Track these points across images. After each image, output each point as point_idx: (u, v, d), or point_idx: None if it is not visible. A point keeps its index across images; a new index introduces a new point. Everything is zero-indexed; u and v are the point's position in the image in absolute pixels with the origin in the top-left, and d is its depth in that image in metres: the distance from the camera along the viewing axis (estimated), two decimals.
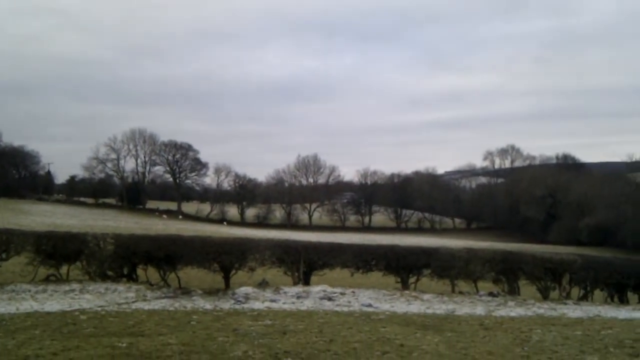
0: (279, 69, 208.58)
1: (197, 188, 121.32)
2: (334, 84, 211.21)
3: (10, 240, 13.61)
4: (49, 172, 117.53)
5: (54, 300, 11.32)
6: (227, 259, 14.19)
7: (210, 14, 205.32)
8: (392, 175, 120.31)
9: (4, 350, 6.74)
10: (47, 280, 13.45)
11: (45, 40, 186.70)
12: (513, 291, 15.39)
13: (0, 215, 51.76)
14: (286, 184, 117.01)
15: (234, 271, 14.44)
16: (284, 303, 12.17)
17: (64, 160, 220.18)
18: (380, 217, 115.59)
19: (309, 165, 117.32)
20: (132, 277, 14.22)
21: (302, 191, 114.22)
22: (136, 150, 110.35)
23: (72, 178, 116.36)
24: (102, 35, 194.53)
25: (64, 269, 13.92)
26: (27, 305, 10.70)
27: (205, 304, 11.63)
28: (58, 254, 13.72)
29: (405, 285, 15.20)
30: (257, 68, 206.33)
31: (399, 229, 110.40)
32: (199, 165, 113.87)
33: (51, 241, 13.79)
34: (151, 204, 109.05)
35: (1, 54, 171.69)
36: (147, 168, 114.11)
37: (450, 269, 15.19)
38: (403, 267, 15.41)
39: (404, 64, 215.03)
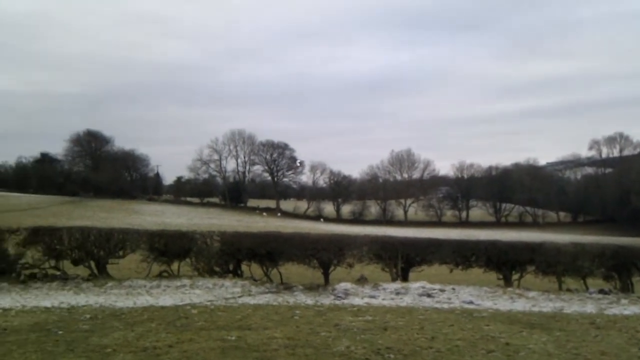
0: (369, 64, 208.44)
1: (294, 186, 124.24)
2: (425, 76, 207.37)
3: (126, 238, 14.64)
4: (157, 174, 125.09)
5: (167, 295, 12.07)
6: (326, 255, 14.44)
7: (300, 15, 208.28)
8: (490, 168, 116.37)
9: (125, 342, 7.30)
10: (160, 276, 14.34)
11: (150, 48, 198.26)
12: (626, 288, 14.45)
13: (115, 215, 55.85)
14: (380, 180, 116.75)
15: (332, 267, 14.67)
16: (383, 299, 12.22)
17: (170, 162, 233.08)
18: (478, 211, 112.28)
19: (403, 160, 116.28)
20: (237, 273, 14.83)
21: (397, 187, 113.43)
22: (236, 151, 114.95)
23: (179, 179, 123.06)
24: (202, 41, 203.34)
25: (174, 266, 14.76)
26: (143, 299, 11.49)
27: (307, 299, 11.93)
28: (169, 251, 14.58)
29: (507, 282, 14.72)
30: (348, 64, 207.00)
31: (498, 223, 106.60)
32: (296, 164, 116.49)
33: (163, 239, 14.70)
34: (251, 202, 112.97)
35: (111, 63, 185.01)
36: (247, 168, 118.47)
37: (556, 265, 14.53)
38: (505, 263, 14.93)
39: (498, 52, 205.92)
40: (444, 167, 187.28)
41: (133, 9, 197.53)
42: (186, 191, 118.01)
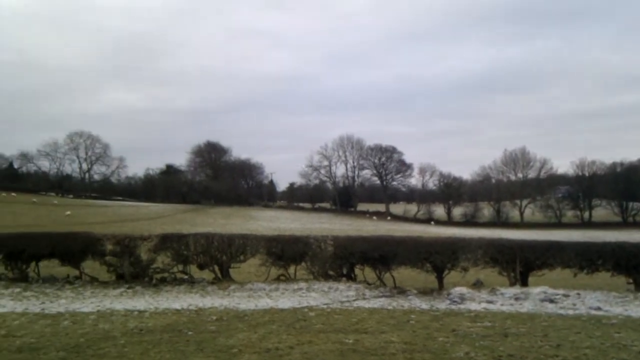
0: (476, 62, 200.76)
1: (403, 189, 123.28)
2: (538, 71, 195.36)
3: (246, 244, 15.36)
4: (271, 181, 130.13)
5: (285, 298, 12.52)
6: (439, 258, 14.22)
7: (403, 16, 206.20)
8: (614, 165, 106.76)
9: (249, 343, 7.69)
10: (278, 279, 14.90)
11: (259, 60, 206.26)
12: None
13: (234, 221, 58.58)
14: (493, 181, 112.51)
15: (446, 271, 14.42)
16: (501, 304, 11.82)
17: (283, 169, 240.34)
18: (602, 211, 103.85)
19: (517, 159, 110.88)
20: (350, 277, 15.03)
21: (511, 187, 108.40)
22: (345, 156, 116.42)
23: (291, 185, 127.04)
24: (307, 50, 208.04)
25: (291, 269, 15.27)
26: (264, 302, 12.01)
27: (421, 303, 11.84)
28: (286, 255, 15.11)
29: (639, 287, 13.65)
30: (455, 63, 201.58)
31: (625, 223, 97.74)
32: (404, 167, 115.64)
33: (280, 244, 15.26)
34: (361, 206, 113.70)
35: (224, 76, 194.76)
36: (356, 172, 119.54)
37: None
38: (635, 266, 13.86)
39: (618, 40, 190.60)
40: (563, 165, 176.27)
41: (242, 25, 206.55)
42: (298, 197, 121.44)
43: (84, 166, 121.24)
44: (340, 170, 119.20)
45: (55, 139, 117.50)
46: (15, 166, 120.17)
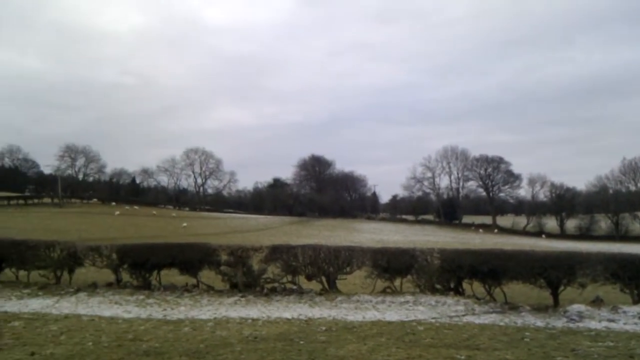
0: (585, 67, 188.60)
1: (511, 201, 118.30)
2: None
3: (352, 255, 15.52)
4: (374, 193, 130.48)
5: (392, 311, 12.52)
6: (554, 274, 13.54)
7: (503, 22, 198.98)
8: None
9: (359, 354, 7.79)
10: (384, 292, 14.92)
11: (360, 74, 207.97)
12: None
13: (338, 233, 59.16)
14: (611, 191, 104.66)
15: (562, 287, 13.72)
16: (624, 323, 11.06)
17: (386, 181, 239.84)
18: None
19: (637, 168, 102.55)
20: (458, 291, 14.72)
21: (631, 198, 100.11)
22: (449, 168, 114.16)
23: (394, 197, 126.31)
24: (408, 61, 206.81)
25: (397, 282, 15.23)
26: (371, 314, 12.09)
27: (536, 320, 11.36)
28: (391, 268, 15.09)
29: None
30: (561, 69, 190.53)
31: None
32: (512, 178, 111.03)
33: (385, 256, 15.28)
34: (466, 219, 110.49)
35: (327, 90, 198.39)
36: (461, 184, 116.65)
37: None
38: None
39: None
40: None
41: (345, 40, 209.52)
42: (401, 209, 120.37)
43: (199, 180, 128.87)
44: (444, 182, 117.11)
45: (173, 156, 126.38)
46: (138, 181, 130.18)
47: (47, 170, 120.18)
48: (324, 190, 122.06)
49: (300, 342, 8.66)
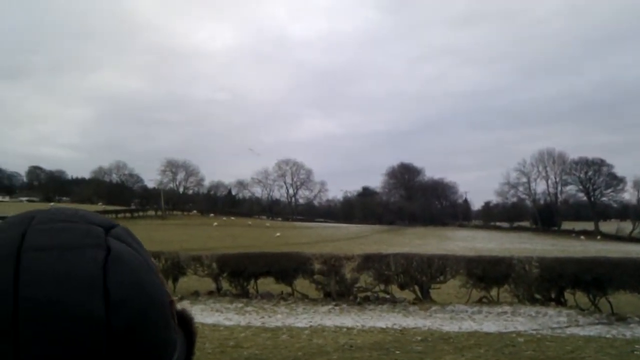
0: None
1: (615, 205, 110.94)
2: None
3: (445, 264, 15.31)
4: (465, 200, 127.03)
5: (490, 321, 12.21)
6: None
7: (601, 17, 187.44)
8: None
9: None
10: (480, 301, 14.57)
11: (446, 79, 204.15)
12: None
13: (429, 242, 58.25)
14: None
15: None
16: None
17: (477, 188, 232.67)
18: None
19: None
20: (560, 301, 14.10)
21: None
22: (546, 172, 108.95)
23: (487, 204, 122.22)
24: (494, 64, 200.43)
25: (493, 291, 14.83)
26: (467, 324, 11.86)
27: None
28: (487, 277, 14.73)
29: None
30: None
31: None
32: (615, 181, 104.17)
33: (480, 265, 14.93)
34: (565, 225, 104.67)
35: (414, 97, 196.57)
36: (559, 188, 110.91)
37: None
38: None
39: None
40: None
41: (429, 45, 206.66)
42: (495, 215, 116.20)
43: (290, 191, 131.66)
44: (540, 187, 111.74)
45: (266, 167, 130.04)
46: (233, 193, 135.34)
47: (150, 184, 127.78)
48: (414, 198, 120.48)
49: (395, 352, 8.68)
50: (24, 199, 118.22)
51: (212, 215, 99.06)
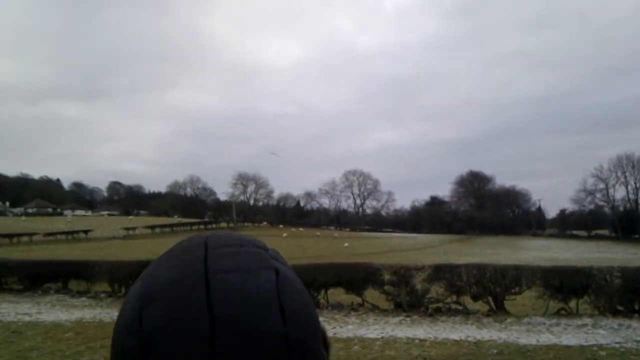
0: None
1: None
2: None
3: (520, 275, 14.86)
4: (539, 208, 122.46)
5: (569, 334, 11.74)
6: None
7: None
8: None
9: None
10: (557, 313, 14.05)
11: (517, 84, 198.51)
12: None
13: (501, 251, 56.60)
14: None
15: None
16: None
17: (551, 195, 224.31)
18: None
19: None
20: None
21: None
22: (625, 177, 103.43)
23: (562, 212, 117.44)
24: (569, 67, 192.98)
25: (572, 303, 14.26)
26: (545, 337, 11.45)
27: None
28: (565, 288, 14.18)
29: None
30: None
31: None
32: None
33: (557, 275, 14.40)
34: None
35: (483, 103, 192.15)
36: None
37: None
38: None
39: None
40: None
41: (499, 50, 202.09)
42: (571, 224, 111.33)
43: (358, 201, 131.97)
44: (619, 193, 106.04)
45: (333, 178, 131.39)
46: (302, 204, 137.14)
47: (222, 197, 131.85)
48: (484, 206, 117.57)
49: None
50: (105, 212, 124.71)
51: (281, 226, 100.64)
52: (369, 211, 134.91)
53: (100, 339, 11.68)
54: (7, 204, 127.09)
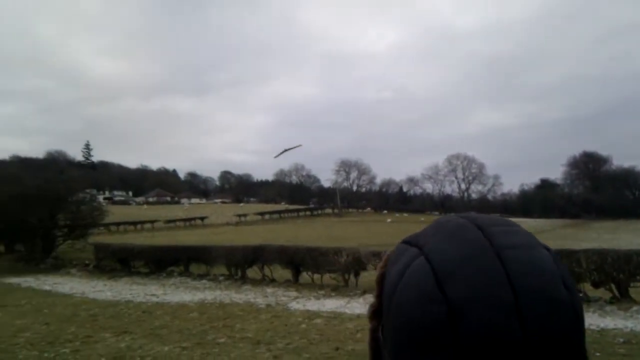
0: None
1: None
2: None
3: None
4: None
5: None
6: None
7: None
8: None
9: None
10: None
11: (633, 58, 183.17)
12: None
13: (620, 236, 52.86)
14: None
15: None
16: None
17: None
18: None
19: None
20: None
21: None
22: None
23: None
24: None
25: None
26: None
27: None
28: None
29: None
30: None
31: None
32: None
33: None
34: None
35: (594, 80, 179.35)
36: None
37: None
38: None
39: None
40: None
41: (612, 23, 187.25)
42: None
43: (462, 186, 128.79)
44: None
45: (436, 163, 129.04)
46: (404, 190, 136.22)
47: (326, 184, 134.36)
48: (600, 189, 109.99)
49: (595, 354, 8.17)
50: (218, 200, 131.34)
51: (385, 211, 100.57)
52: (474, 196, 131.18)
53: (222, 319, 12.43)
54: (130, 193, 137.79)
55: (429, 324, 0.62)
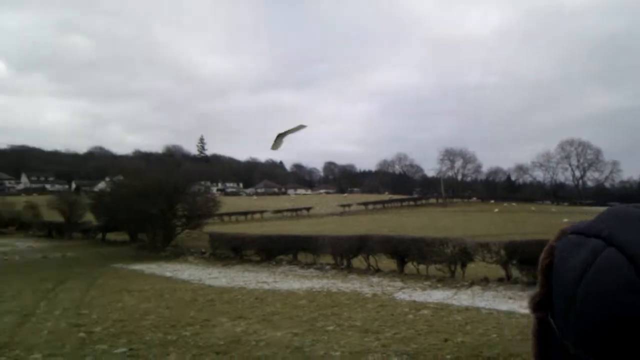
0: None
1: None
2: None
3: None
4: None
5: None
6: None
7: None
8: None
9: None
10: None
11: None
12: None
13: None
14: None
15: None
16: None
17: None
18: None
19: None
20: None
21: None
22: None
23: None
24: None
25: None
26: None
27: None
28: None
29: None
30: None
31: None
32: None
33: None
34: None
35: None
36: None
37: None
38: None
39: None
40: None
41: None
42: None
43: (577, 173, 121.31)
44: None
45: (547, 150, 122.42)
46: (512, 178, 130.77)
47: (429, 173, 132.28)
48: None
49: None
50: (322, 191, 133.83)
51: (492, 201, 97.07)
52: (590, 183, 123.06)
53: (330, 307, 12.79)
54: (241, 185, 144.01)
55: (632, 314, 0.61)
